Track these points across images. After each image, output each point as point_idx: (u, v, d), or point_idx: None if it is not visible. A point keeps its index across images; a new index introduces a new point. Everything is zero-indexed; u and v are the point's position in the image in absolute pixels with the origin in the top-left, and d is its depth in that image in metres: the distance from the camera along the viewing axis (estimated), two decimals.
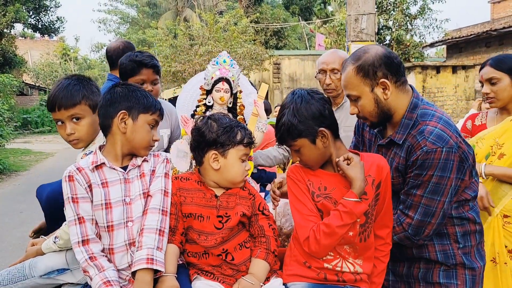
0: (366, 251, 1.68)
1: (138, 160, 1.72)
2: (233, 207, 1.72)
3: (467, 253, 1.77)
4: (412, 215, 1.69)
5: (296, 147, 1.67)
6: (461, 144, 1.68)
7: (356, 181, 1.57)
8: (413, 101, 1.74)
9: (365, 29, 4.27)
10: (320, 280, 1.63)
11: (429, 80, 10.20)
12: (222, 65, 2.27)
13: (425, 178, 1.63)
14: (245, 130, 1.77)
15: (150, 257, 1.53)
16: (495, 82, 2.35)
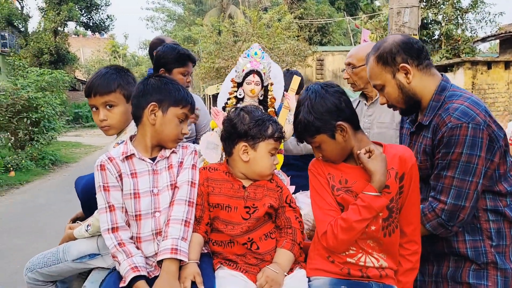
0: (391, 246, 1.62)
1: (167, 152, 1.74)
2: (260, 199, 1.72)
3: (501, 252, 1.67)
4: (445, 199, 1.62)
5: (316, 144, 1.65)
6: (490, 123, 1.60)
7: (376, 174, 1.53)
8: (441, 83, 1.71)
9: (407, 23, 4.12)
10: (343, 275, 1.60)
11: (480, 77, 9.72)
12: (253, 58, 2.22)
13: (454, 157, 1.58)
14: (277, 125, 1.76)
15: (175, 247, 1.56)
16: None
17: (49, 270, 1.94)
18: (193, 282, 1.54)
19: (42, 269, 1.95)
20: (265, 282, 1.57)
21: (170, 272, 1.53)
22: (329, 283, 1.58)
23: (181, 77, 2.75)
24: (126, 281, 1.54)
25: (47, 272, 1.96)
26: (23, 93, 9.64)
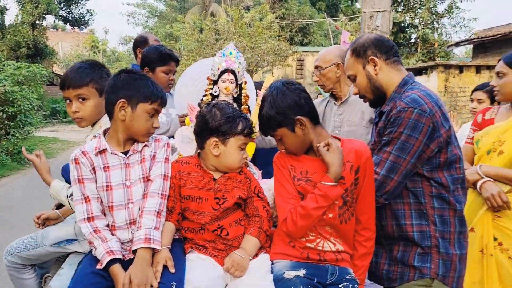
0: (347, 233, 1.77)
1: (139, 146, 1.82)
2: (230, 190, 1.83)
3: (445, 238, 1.80)
4: (379, 171, 1.78)
5: (278, 137, 1.78)
6: (436, 114, 1.74)
7: (332, 166, 1.67)
8: (405, 78, 1.89)
9: (379, 26, 4.31)
10: (303, 259, 1.73)
11: (452, 80, 10.07)
12: (228, 57, 2.34)
13: (395, 135, 1.74)
14: (247, 121, 1.86)
15: (148, 236, 1.67)
16: (501, 76, 2.42)
17: (28, 254, 2.04)
18: (165, 266, 1.65)
19: (21, 253, 2.05)
20: (231, 266, 1.69)
21: (143, 259, 1.63)
22: (289, 266, 1.71)
23: (163, 75, 2.87)
24: (103, 264, 1.65)
25: (26, 255, 2.06)
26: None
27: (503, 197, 2.26)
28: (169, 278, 1.62)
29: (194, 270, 1.68)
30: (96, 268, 1.66)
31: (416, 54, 15.79)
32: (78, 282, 1.66)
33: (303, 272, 1.68)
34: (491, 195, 2.28)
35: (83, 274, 1.69)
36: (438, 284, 1.78)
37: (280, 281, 1.67)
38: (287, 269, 1.69)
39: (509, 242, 2.28)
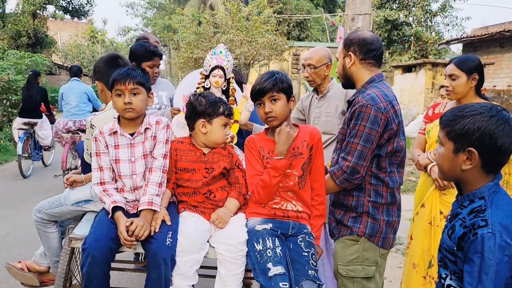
0: (305, 196, 2.24)
1: (142, 128, 2.26)
2: (217, 162, 2.30)
3: (376, 207, 2.17)
4: (350, 158, 2.10)
5: (277, 97, 2.17)
6: (390, 111, 2.09)
7: (277, 144, 2.14)
8: (372, 77, 2.22)
9: (360, 28, 4.70)
10: (270, 215, 2.20)
11: (439, 77, 10.48)
12: (219, 55, 2.81)
13: (359, 128, 2.07)
14: (226, 105, 2.31)
15: (151, 201, 2.14)
16: (454, 78, 2.77)
17: (53, 211, 2.53)
18: (163, 221, 2.15)
19: (48, 210, 2.54)
20: (216, 218, 2.18)
21: (146, 217, 2.13)
22: (260, 221, 2.18)
23: (149, 69, 3.24)
24: (109, 212, 2.15)
25: (51, 212, 2.54)
26: (3, 75, 9.88)
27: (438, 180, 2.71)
28: (166, 229, 2.12)
29: (185, 224, 2.17)
30: (108, 217, 2.16)
31: (409, 51, 16.16)
32: (98, 227, 2.15)
33: (270, 226, 2.14)
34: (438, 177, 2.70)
35: (101, 222, 2.18)
36: (364, 240, 2.16)
37: (251, 232, 2.15)
38: (258, 224, 2.16)
39: None
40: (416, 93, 10.92)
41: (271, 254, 2.03)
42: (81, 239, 2.18)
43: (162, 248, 2.03)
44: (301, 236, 2.17)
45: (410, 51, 16.04)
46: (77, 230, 2.31)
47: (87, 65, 34.39)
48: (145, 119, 2.30)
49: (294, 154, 2.20)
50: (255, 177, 2.20)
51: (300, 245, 2.13)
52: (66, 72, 31.37)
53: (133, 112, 2.21)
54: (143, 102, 2.24)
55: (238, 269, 2.10)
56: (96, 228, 2.15)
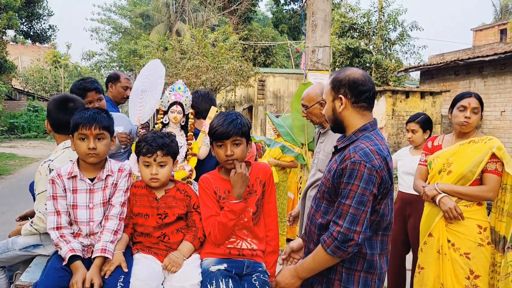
0: (259, 233, 2.25)
1: (103, 174, 2.22)
2: (171, 207, 2.26)
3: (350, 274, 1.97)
4: (341, 223, 1.87)
5: (239, 142, 2.18)
6: (384, 169, 1.90)
7: (233, 187, 2.16)
8: (366, 124, 2.00)
9: (320, 60, 4.82)
10: (225, 255, 2.19)
11: (399, 104, 10.84)
12: (177, 91, 2.82)
13: (352, 188, 1.86)
14: (149, 145, 2.22)
15: (104, 248, 2.11)
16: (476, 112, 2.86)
17: (0, 257, 2.40)
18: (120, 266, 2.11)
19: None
20: (168, 263, 2.14)
21: (97, 265, 2.08)
22: (214, 262, 2.17)
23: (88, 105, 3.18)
24: (66, 259, 2.06)
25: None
26: None
27: (458, 210, 2.81)
28: (117, 273, 2.08)
29: (138, 266, 2.14)
30: (62, 265, 2.08)
31: None
32: (49, 275, 2.06)
33: (224, 266, 2.14)
34: (449, 209, 2.82)
35: (52, 269, 2.09)
36: None
37: (205, 274, 2.13)
38: (213, 264, 2.15)
39: (460, 242, 2.83)
40: (378, 119, 11.20)
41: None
42: (28, 286, 2.08)
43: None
44: (255, 275, 2.15)
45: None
46: (24, 277, 2.20)
47: (49, 90, 33.58)
48: (106, 164, 2.26)
49: (249, 192, 2.23)
50: (211, 218, 2.20)
51: (254, 284, 2.11)
52: (27, 98, 30.53)
53: (97, 158, 2.18)
54: (107, 147, 2.21)
55: None
56: (47, 275, 2.06)
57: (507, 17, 33.49)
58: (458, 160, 2.89)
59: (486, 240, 2.81)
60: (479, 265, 2.79)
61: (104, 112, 2.25)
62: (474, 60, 11.36)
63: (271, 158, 5.59)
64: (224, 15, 26.24)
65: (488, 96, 11.65)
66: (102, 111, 2.25)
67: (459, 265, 2.80)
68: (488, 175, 2.81)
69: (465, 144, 2.92)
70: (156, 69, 3.19)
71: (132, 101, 3.32)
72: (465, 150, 2.89)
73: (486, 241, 2.81)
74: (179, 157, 2.81)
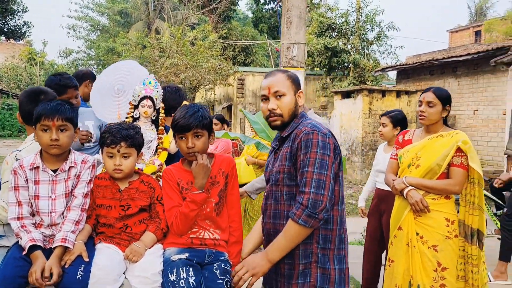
0: (222, 223, 2.27)
1: (67, 166, 2.22)
2: (133, 199, 2.27)
3: (325, 254, 2.00)
4: (308, 190, 1.91)
5: (201, 134, 2.19)
6: (332, 137, 2.01)
7: (195, 178, 2.18)
8: (302, 112, 2.17)
9: (296, 57, 4.85)
10: (187, 245, 2.21)
11: (375, 103, 10.99)
12: (148, 86, 2.81)
13: (311, 156, 1.93)
14: (113, 136, 2.22)
15: (65, 237, 2.10)
16: (432, 106, 2.94)
17: None
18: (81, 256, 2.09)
19: None
20: (130, 253, 2.15)
21: (57, 255, 2.07)
22: (176, 251, 2.17)
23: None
24: (25, 249, 2.05)
25: None
26: None
27: (424, 202, 2.87)
28: (78, 262, 2.07)
29: (100, 255, 2.13)
30: (21, 254, 2.06)
31: (349, 77, 16.85)
32: (8, 264, 2.05)
33: (186, 255, 2.15)
34: (415, 202, 2.88)
35: (11, 258, 2.08)
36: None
37: (167, 263, 2.14)
38: (174, 254, 2.16)
39: (428, 235, 2.88)
40: (354, 118, 11.35)
41: (183, 285, 2.04)
42: None
43: (72, 282, 2.00)
44: (217, 264, 2.17)
45: (349, 77, 16.72)
46: None
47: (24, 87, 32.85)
48: (70, 156, 2.25)
49: (211, 183, 2.25)
50: (173, 209, 2.21)
51: (215, 273, 2.13)
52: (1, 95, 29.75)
53: (59, 149, 2.16)
54: (69, 139, 2.20)
55: None
56: (6, 264, 2.06)
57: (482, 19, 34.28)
58: (426, 154, 2.95)
59: (453, 233, 2.87)
60: (447, 257, 2.84)
61: (67, 103, 2.23)
62: (448, 60, 11.61)
63: (249, 156, 5.59)
64: (204, 13, 26.15)
65: (461, 96, 11.92)
66: (66, 103, 2.23)
67: (427, 257, 2.86)
68: (454, 169, 2.87)
69: (433, 138, 2.98)
70: (136, 71, 3.22)
71: (99, 97, 3.28)
72: (433, 144, 2.95)
73: (453, 234, 2.87)
74: (149, 152, 2.81)
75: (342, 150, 11.82)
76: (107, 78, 3.32)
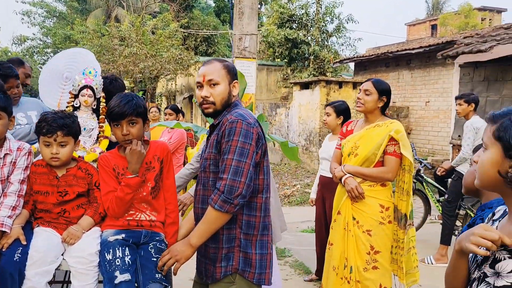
0: (158, 206, 2.38)
1: (2, 153, 2.26)
2: (71, 185, 2.35)
3: (248, 240, 2.06)
4: (225, 176, 1.96)
5: (135, 121, 2.27)
6: (258, 127, 2.08)
7: (130, 163, 2.28)
8: (235, 102, 2.20)
9: (248, 47, 4.90)
10: (124, 226, 2.31)
11: (332, 94, 11.20)
12: (88, 76, 2.86)
13: (233, 143, 1.98)
14: (49, 125, 2.24)
15: (1, 222, 2.18)
16: (368, 94, 3.11)
17: None
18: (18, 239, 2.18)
19: None
20: (67, 235, 2.24)
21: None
22: (113, 233, 2.27)
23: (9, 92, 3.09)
24: None
25: None
26: None
27: (359, 189, 3.02)
28: (15, 245, 2.16)
29: (38, 238, 2.23)
30: None
31: (309, 68, 17.07)
32: None
33: (122, 236, 2.25)
34: (351, 188, 3.03)
35: None
36: (239, 278, 2.05)
37: (104, 244, 2.24)
38: (111, 235, 2.26)
39: (363, 220, 3.04)
40: (312, 109, 11.54)
41: (119, 263, 2.14)
42: None
43: (9, 263, 2.08)
44: (152, 244, 2.28)
45: (309, 69, 16.94)
46: None
47: None
48: (5, 143, 2.29)
49: (147, 169, 2.33)
50: (109, 194, 2.30)
51: (150, 252, 2.24)
52: None
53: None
54: (4, 127, 2.25)
55: (90, 279, 2.18)
56: None
57: (438, 13, 35.42)
58: (363, 144, 3.10)
59: (387, 219, 3.04)
60: (380, 241, 3.01)
61: (1, 92, 2.26)
62: (403, 53, 11.97)
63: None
64: (165, 1, 25.69)
65: (414, 88, 12.35)
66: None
67: (361, 241, 3.02)
68: (387, 157, 3.03)
69: (371, 128, 3.13)
70: (86, 59, 3.21)
71: (48, 83, 3.26)
72: (370, 133, 3.10)
73: (387, 220, 3.03)
74: (91, 140, 2.84)
75: (300, 140, 12.11)
76: (56, 64, 3.30)
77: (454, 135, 7.97)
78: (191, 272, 2.39)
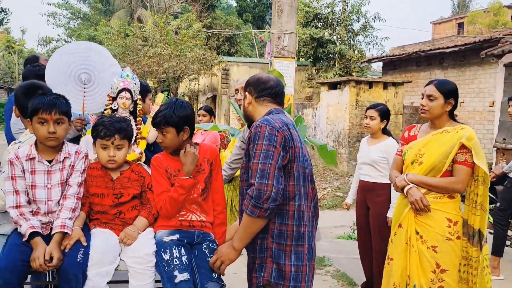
0: (207, 208, 2.46)
1: (61, 157, 2.35)
2: (126, 187, 2.43)
3: (281, 250, 2.02)
4: (253, 181, 1.96)
5: (166, 131, 2.36)
6: (286, 131, 2.04)
7: (184, 165, 2.37)
8: (270, 110, 2.22)
9: (286, 47, 4.64)
10: (177, 227, 2.39)
11: (362, 94, 10.84)
12: (125, 78, 2.88)
13: (257, 148, 1.99)
14: (107, 129, 2.36)
15: (63, 224, 2.25)
16: (432, 99, 2.82)
17: None
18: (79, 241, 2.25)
19: None
20: (124, 236, 2.32)
21: (57, 241, 2.21)
22: (167, 233, 2.35)
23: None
24: (26, 235, 2.19)
25: None
26: None
27: (424, 201, 2.73)
28: (77, 246, 2.23)
29: (96, 239, 2.30)
30: (22, 241, 2.21)
31: (334, 68, 16.69)
32: (11, 250, 2.18)
33: (176, 236, 2.33)
34: (415, 200, 2.75)
35: (13, 245, 2.21)
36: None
37: (159, 244, 2.31)
38: (166, 235, 2.34)
39: (428, 234, 2.75)
40: (341, 109, 11.21)
41: (177, 263, 2.21)
42: None
43: (73, 264, 2.15)
44: (205, 244, 2.37)
45: (335, 68, 16.55)
46: None
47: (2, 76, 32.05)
48: (64, 147, 2.38)
49: (197, 171, 2.42)
50: (162, 194, 2.37)
51: (204, 252, 2.33)
52: None
53: (56, 141, 2.30)
54: (65, 131, 2.34)
55: (148, 279, 2.25)
56: (9, 250, 2.19)
57: (464, 11, 34.53)
58: (429, 151, 2.81)
59: (455, 234, 2.73)
60: (446, 259, 2.70)
61: (62, 97, 2.34)
62: (435, 52, 11.54)
63: None
64: (187, 2, 25.68)
65: None
66: (60, 97, 2.34)
67: (425, 257, 2.73)
68: (457, 166, 2.73)
69: (438, 134, 2.83)
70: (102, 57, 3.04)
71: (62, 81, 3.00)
72: (437, 140, 2.81)
73: (455, 235, 2.73)
74: None
75: (328, 141, 11.78)
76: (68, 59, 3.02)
77: (498, 138, 7.54)
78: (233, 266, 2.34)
